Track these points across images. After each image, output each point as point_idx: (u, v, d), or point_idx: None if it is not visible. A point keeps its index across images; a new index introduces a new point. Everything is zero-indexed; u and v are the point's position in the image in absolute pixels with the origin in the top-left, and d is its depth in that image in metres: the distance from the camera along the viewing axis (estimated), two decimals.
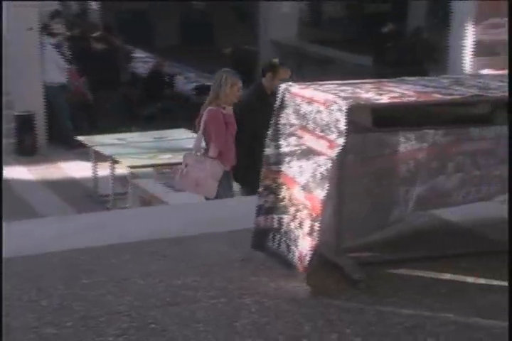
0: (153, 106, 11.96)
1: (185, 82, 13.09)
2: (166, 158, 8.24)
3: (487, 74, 4.78)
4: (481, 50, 10.42)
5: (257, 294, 3.50)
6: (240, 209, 4.39)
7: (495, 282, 3.61)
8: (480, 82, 3.81)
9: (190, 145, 6.61)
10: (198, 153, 6.34)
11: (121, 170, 8.44)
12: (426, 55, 11.56)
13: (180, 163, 6.45)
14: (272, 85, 6.44)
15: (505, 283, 3.55)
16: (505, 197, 4.27)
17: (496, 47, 10.44)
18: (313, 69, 12.17)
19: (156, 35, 16.86)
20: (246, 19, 15.89)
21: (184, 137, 8.79)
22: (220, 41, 15.92)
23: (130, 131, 10.05)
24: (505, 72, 7.44)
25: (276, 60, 6.81)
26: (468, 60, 10.58)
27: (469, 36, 10.51)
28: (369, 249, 3.86)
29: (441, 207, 4.15)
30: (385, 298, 3.45)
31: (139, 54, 14.44)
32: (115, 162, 8.42)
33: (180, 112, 11.35)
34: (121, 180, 8.46)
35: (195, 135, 6.64)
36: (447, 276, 3.66)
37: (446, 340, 3.17)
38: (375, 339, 3.17)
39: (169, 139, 9.13)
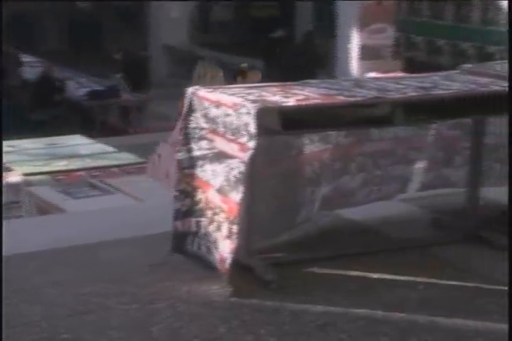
0: (45, 112, 11.69)
1: (77, 87, 12.87)
2: (61, 164, 8.06)
3: (383, 77, 4.90)
4: (367, 53, 10.68)
5: (170, 298, 3.46)
6: (154, 214, 4.35)
7: (399, 277, 3.70)
8: (378, 85, 3.91)
9: (86, 152, 6.47)
10: (174, 145, 6.24)
11: (14, 177, 8.21)
12: (315, 58, 11.76)
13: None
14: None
15: (409, 278, 3.67)
16: (405, 195, 4.41)
17: (381, 51, 10.73)
18: None
19: (41, 38, 16.45)
20: (135, 23, 15.75)
21: (79, 143, 8.63)
22: (110, 45, 15.71)
23: (21, 137, 9.80)
24: (393, 74, 7.66)
25: (244, 65, 6.82)
26: (354, 63, 10.82)
27: (355, 41, 10.76)
28: (279, 249, 3.88)
29: (346, 207, 4.23)
30: (297, 297, 3.48)
31: (26, 58, 14.09)
32: (8, 170, 8.18)
33: (72, 118, 11.14)
34: (15, 188, 8.22)
35: (90, 141, 6.49)
36: (355, 274, 3.73)
37: (356, 336, 3.24)
38: (289, 339, 3.20)
39: (63, 146, 8.93)
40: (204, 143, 3.51)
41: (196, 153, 3.54)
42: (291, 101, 3.46)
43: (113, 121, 11.75)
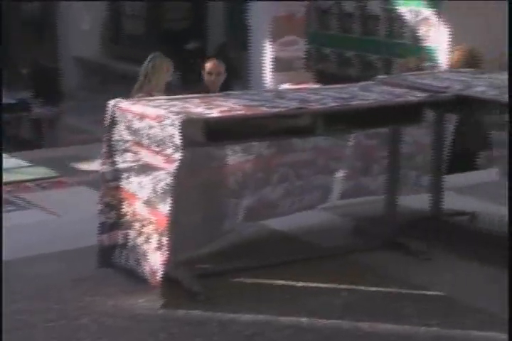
0: None
1: None
2: None
3: (302, 88, 4.96)
4: (279, 65, 10.78)
5: (95, 313, 3.41)
6: (72, 228, 4.27)
7: (323, 285, 3.74)
8: (299, 95, 3.95)
9: None
10: None
11: None
12: (229, 70, 11.80)
13: None
14: (207, 79, 6.28)
15: (333, 285, 3.72)
16: (326, 204, 4.47)
17: (293, 63, 10.84)
18: (119, 86, 12.05)
19: None
20: (45, 35, 15.45)
21: None
22: (19, 57, 15.35)
23: None
24: (306, 85, 7.75)
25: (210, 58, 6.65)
26: (267, 75, 10.90)
27: (267, 53, 10.84)
28: (205, 260, 3.87)
29: (269, 218, 4.24)
30: (225, 307, 3.47)
31: None
32: None
33: None
34: None
35: (4, 155, 6.30)
36: (280, 283, 3.74)
37: None
38: None
39: None
40: (129, 156, 3.47)
41: (121, 165, 3.50)
42: (215, 113, 3.46)
43: (25, 135, 11.49)
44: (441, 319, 3.44)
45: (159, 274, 3.36)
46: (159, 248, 3.32)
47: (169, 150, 3.27)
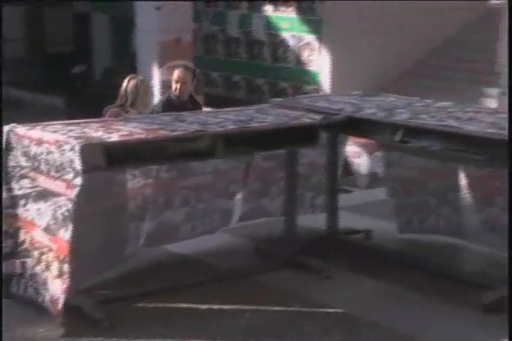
0: None
1: None
2: None
3: (203, 111, 4.90)
4: (167, 89, 10.73)
5: None
6: None
7: (227, 307, 3.70)
8: (198, 118, 3.92)
9: None
10: None
11: None
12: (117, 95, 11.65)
13: None
14: (174, 87, 6.08)
15: (237, 307, 3.68)
16: (228, 227, 4.43)
17: None
18: (4, 111, 11.68)
19: None
20: None
21: None
22: None
23: None
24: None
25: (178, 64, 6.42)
26: (156, 99, 10.81)
27: (156, 77, 10.77)
28: (107, 286, 3.75)
29: (171, 242, 4.17)
30: (129, 334, 3.38)
31: None
32: None
33: None
34: None
35: None
36: (184, 306, 3.68)
37: None
38: None
39: None
40: (26, 182, 3.34)
41: (17, 192, 3.36)
42: (114, 137, 3.38)
43: None
44: (343, 336, 3.46)
45: (60, 302, 3.24)
46: (60, 275, 3.20)
47: (69, 176, 3.17)
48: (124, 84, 5.84)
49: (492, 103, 8.64)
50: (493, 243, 4.21)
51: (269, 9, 11.17)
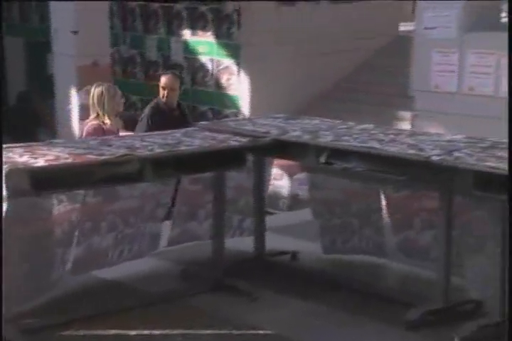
0: None
1: None
2: None
3: (129, 135, 4.81)
4: (87, 113, 10.60)
5: None
6: None
7: (157, 332, 3.64)
8: (125, 142, 3.87)
9: None
10: None
11: None
12: (33, 118, 11.45)
13: None
14: (161, 93, 5.88)
15: (167, 331, 3.62)
16: (156, 251, 4.37)
17: None
18: None
19: None
20: None
21: None
22: None
23: None
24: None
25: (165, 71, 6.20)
26: (75, 123, 10.68)
27: (74, 101, 10.63)
28: (33, 314, 3.63)
29: (99, 268, 4.07)
30: None
31: None
32: None
33: None
34: None
35: None
36: (113, 332, 3.60)
37: None
38: None
39: None
40: None
41: None
42: (41, 162, 3.30)
43: None
44: None
45: None
46: None
47: None
48: (91, 93, 5.67)
49: (405, 126, 8.83)
50: (413, 263, 4.28)
51: (187, 33, 11.20)
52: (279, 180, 7.05)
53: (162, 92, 5.96)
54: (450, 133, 4.41)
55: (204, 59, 10.98)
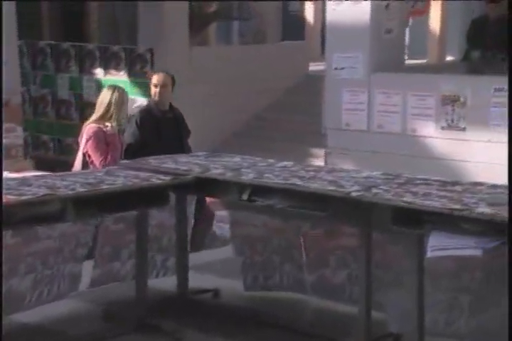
0: None
1: None
2: None
3: (50, 175, 4.67)
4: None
5: None
6: None
7: None
8: (46, 182, 3.77)
9: None
10: None
11: None
12: None
13: None
14: (154, 96, 5.52)
15: None
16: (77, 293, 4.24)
17: (10, 150, 10.44)
18: None
19: None
20: None
21: None
22: None
23: None
24: (26, 172, 7.43)
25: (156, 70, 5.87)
26: None
27: None
28: None
29: (18, 311, 3.90)
30: None
31: None
32: None
33: None
34: None
35: None
36: None
37: None
38: None
39: None
40: None
41: None
42: None
43: None
44: None
45: None
46: None
47: None
48: (107, 95, 5.45)
49: (318, 162, 8.95)
50: (333, 298, 4.30)
51: (100, 72, 11.12)
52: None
53: (154, 90, 5.70)
54: (365, 169, 4.49)
55: None
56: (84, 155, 5.51)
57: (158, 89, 5.64)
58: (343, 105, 8.64)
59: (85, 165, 5.46)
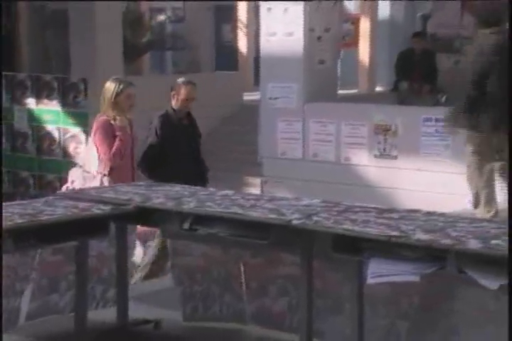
0: None
1: None
2: None
3: None
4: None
5: None
6: None
7: None
8: None
9: None
10: (86, 168, 5.18)
11: None
12: None
13: None
14: (178, 105, 5.43)
15: None
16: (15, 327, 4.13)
17: None
18: None
19: None
20: None
21: None
22: None
23: None
24: None
25: (180, 80, 5.77)
26: None
27: None
28: None
29: None
30: None
31: None
32: None
33: None
34: None
35: None
36: None
37: None
38: None
39: None
40: None
41: None
42: None
43: None
44: None
45: None
46: None
47: None
48: (110, 87, 5.46)
49: (255, 191, 9.00)
50: (274, 327, 4.30)
51: (31, 102, 11.01)
52: (133, 248, 6.95)
53: (185, 104, 5.86)
54: (305, 197, 4.53)
55: (50, 127, 10.76)
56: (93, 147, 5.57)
57: (187, 103, 5.91)
58: (278, 134, 8.75)
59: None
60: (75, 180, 5.86)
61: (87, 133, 10.59)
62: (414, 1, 15.67)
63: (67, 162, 10.65)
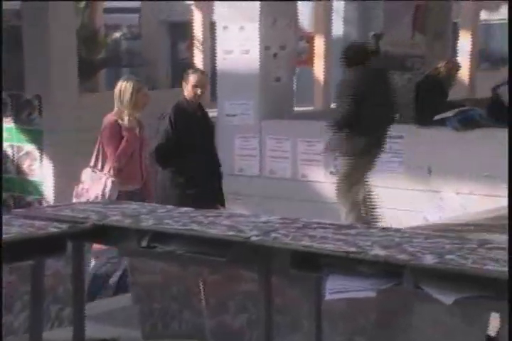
0: None
1: None
2: None
3: None
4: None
5: None
6: None
7: None
8: None
9: None
10: (95, 169, 5.14)
11: None
12: None
13: None
14: (190, 95, 5.37)
15: None
16: None
17: None
18: None
19: None
20: None
21: None
22: None
23: None
24: None
25: (191, 69, 5.64)
26: None
27: None
28: None
29: None
30: None
31: None
32: None
33: None
34: None
35: None
36: None
37: None
38: None
39: None
40: None
41: None
42: None
43: None
44: None
45: None
46: None
47: None
48: (121, 87, 5.37)
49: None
50: None
51: None
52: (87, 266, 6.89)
53: (194, 90, 5.81)
54: (263, 214, 4.55)
55: (4, 145, 10.64)
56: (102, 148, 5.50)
57: (199, 91, 5.89)
58: (235, 151, 8.79)
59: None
60: (85, 180, 5.84)
61: (41, 150, 10.52)
62: (365, 20, 15.94)
63: (21, 180, 10.56)
